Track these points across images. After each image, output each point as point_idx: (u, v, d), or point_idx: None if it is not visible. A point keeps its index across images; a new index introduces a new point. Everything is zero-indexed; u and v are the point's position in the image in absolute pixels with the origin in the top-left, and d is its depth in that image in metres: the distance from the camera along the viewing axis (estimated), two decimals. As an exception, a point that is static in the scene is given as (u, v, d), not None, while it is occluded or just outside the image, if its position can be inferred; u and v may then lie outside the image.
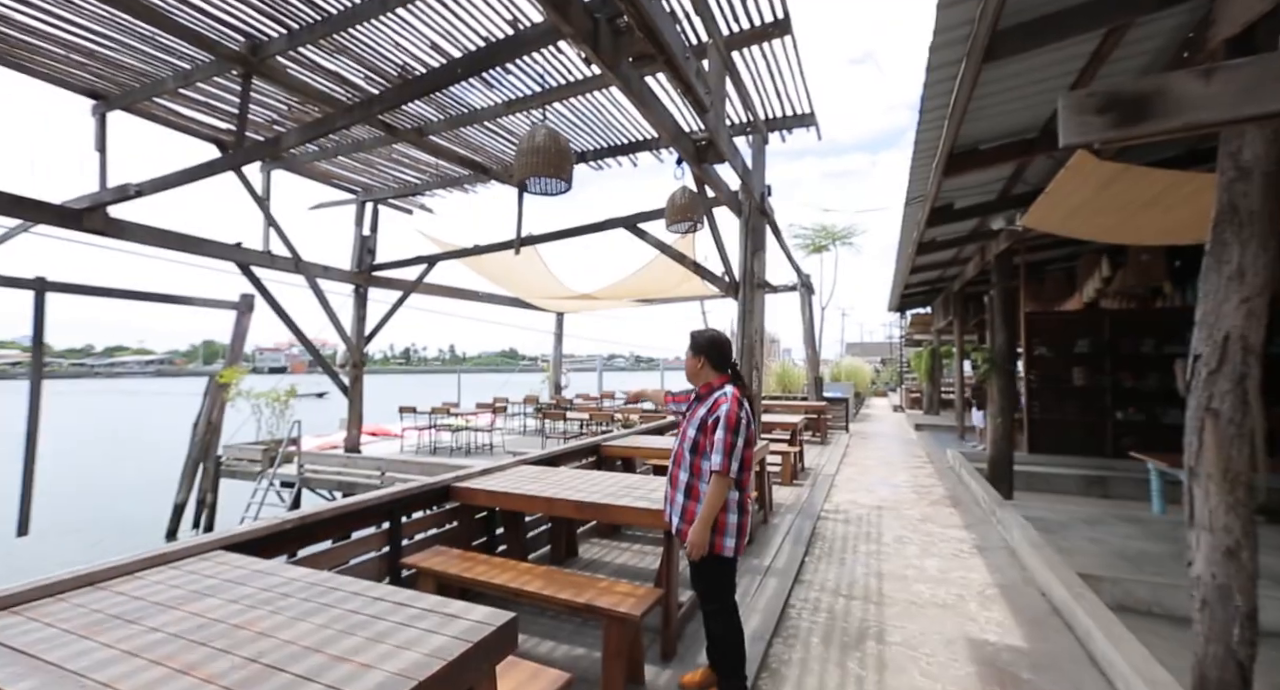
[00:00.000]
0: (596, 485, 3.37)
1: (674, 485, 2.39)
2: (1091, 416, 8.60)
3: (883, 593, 3.61)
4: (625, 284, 10.16)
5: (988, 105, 3.70)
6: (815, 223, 19.99)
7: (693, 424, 2.34)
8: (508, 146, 7.03)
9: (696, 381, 2.45)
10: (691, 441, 2.31)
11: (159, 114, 6.07)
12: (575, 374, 28.78)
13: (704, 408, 2.33)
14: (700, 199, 5.16)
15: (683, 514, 2.32)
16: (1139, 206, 4.29)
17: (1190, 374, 2.51)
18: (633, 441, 5.22)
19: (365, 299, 9.30)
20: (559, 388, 15.58)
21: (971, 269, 8.71)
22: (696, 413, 2.36)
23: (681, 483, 2.34)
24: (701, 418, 2.31)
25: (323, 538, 2.69)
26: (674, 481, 2.39)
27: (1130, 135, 2.04)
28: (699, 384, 2.44)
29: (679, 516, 2.34)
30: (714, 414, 2.24)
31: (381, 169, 8.07)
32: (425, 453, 9.53)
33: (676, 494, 2.36)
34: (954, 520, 5.30)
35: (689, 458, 2.32)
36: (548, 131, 3.34)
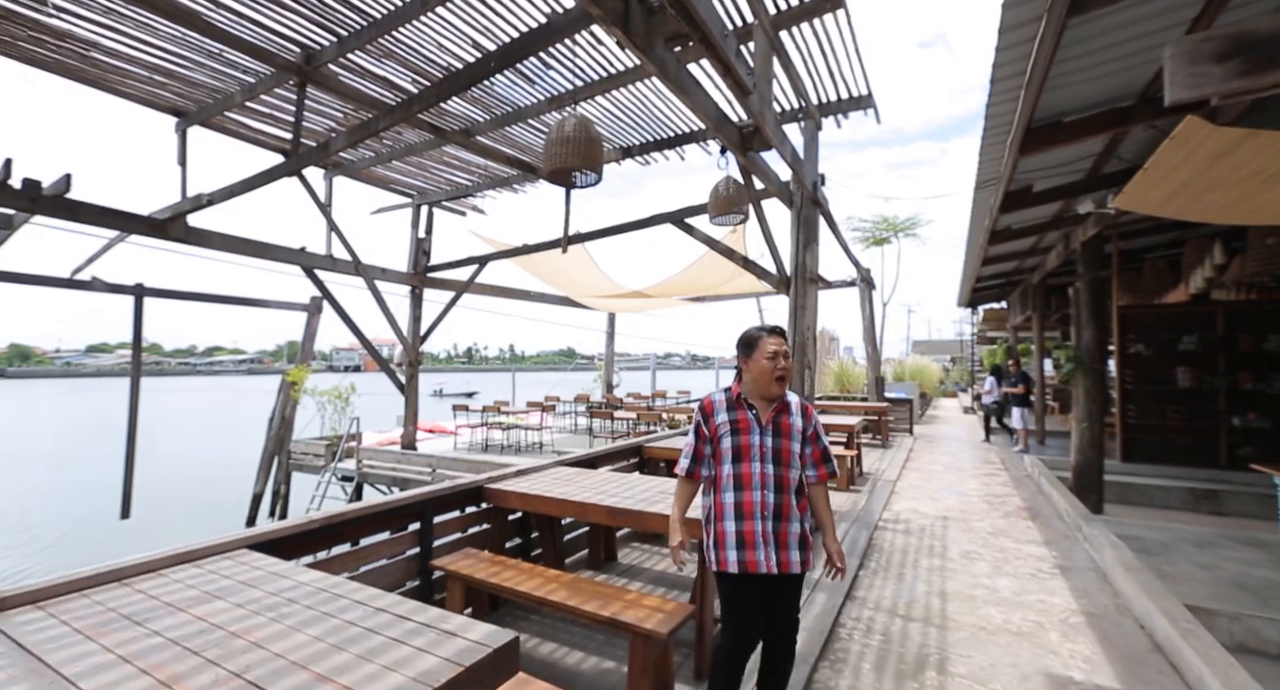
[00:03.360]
0: (633, 489, 3.23)
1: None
2: (1200, 422, 7.63)
3: (946, 615, 3.27)
4: (675, 281, 9.98)
5: (1072, 70, 3.27)
6: (876, 214, 19.01)
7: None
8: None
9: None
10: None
11: (231, 127, 6.45)
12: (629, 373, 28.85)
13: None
14: (747, 190, 4.90)
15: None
16: (1266, 179, 3.67)
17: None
18: (676, 443, 5.04)
19: (420, 299, 9.59)
20: (610, 386, 15.60)
21: (1054, 259, 7.93)
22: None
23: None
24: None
25: (352, 537, 2.69)
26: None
27: (1260, 86, 1.67)
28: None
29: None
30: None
31: (434, 172, 8.27)
32: (477, 450, 9.74)
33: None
34: (1032, 535, 4.79)
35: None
36: (578, 120, 3.22)
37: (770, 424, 2.04)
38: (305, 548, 2.40)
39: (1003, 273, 10.87)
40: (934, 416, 15.78)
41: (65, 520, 11.42)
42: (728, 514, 1.99)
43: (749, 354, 2.08)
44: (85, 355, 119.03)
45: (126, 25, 4.58)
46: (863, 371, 14.27)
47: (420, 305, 9.60)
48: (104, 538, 9.90)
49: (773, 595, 2.01)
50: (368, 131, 4.33)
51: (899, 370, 17.87)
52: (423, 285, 9.53)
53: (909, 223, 16.66)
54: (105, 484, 10.92)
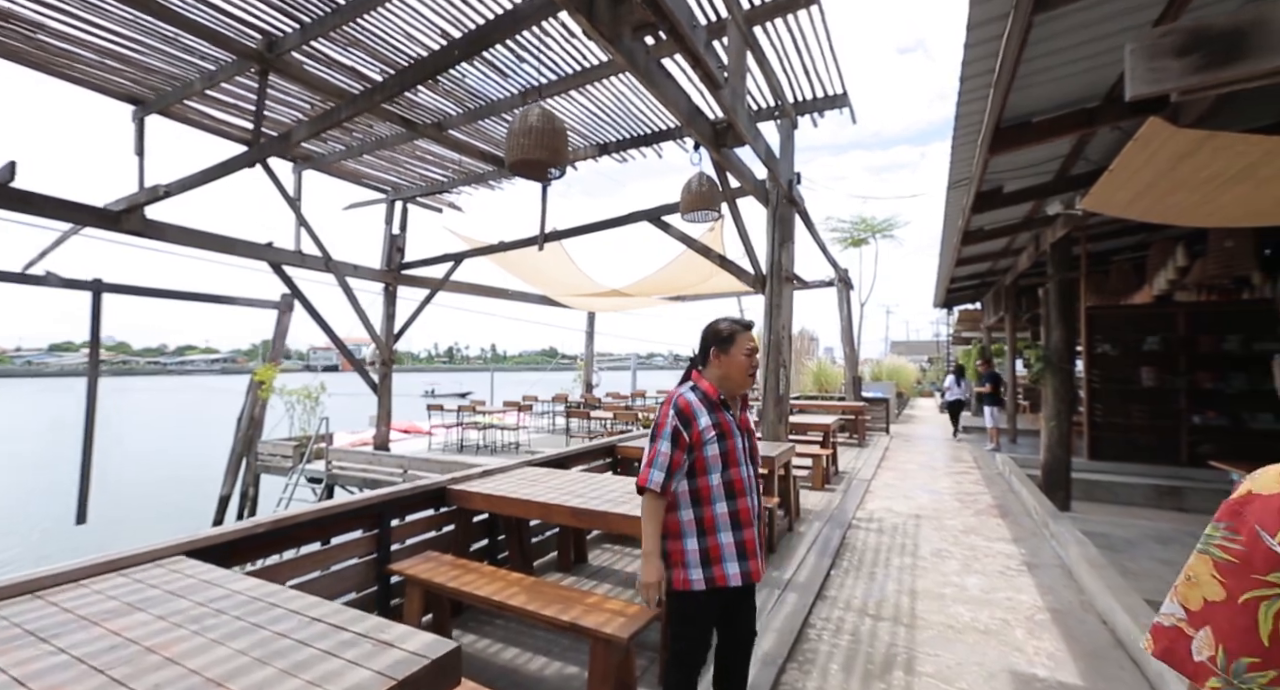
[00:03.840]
0: (601, 490, 3.16)
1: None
2: (1163, 421, 7.82)
3: (916, 614, 3.26)
4: (653, 279, 9.93)
5: (1040, 70, 3.29)
6: (854, 214, 19.21)
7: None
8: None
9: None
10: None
11: (192, 117, 6.22)
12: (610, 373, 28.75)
13: None
14: (722, 186, 4.86)
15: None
16: (1225, 182, 3.75)
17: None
18: (650, 442, 4.98)
19: (395, 297, 9.40)
20: (590, 386, 15.50)
21: (1025, 260, 8.06)
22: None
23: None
24: None
25: (304, 541, 2.57)
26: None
27: (1219, 80, 1.67)
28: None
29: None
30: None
31: (407, 167, 8.10)
32: (452, 450, 9.57)
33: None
34: (1001, 532, 4.83)
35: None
36: (542, 111, 3.14)
37: (743, 423, 1.95)
38: (250, 554, 2.28)
39: (976, 274, 11.05)
40: (911, 416, 15.99)
41: (22, 524, 10.96)
42: (723, 525, 1.81)
43: (726, 349, 1.92)
44: (48, 354, 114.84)
45: (74, 6, 4.36)
46: (841, 371, 14.40)
47: (394, 303, 9.40)
48: (53, 544, 9.51)
49: (738, 606, 1.93)
50: (331, 121, 4.19)
51: (877, 370, 18.08)
52: (397, 282, 9.34)
53: (886, 224, 16.88)
54: (65, 487, 10.50)
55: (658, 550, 1.82)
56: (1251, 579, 0.67)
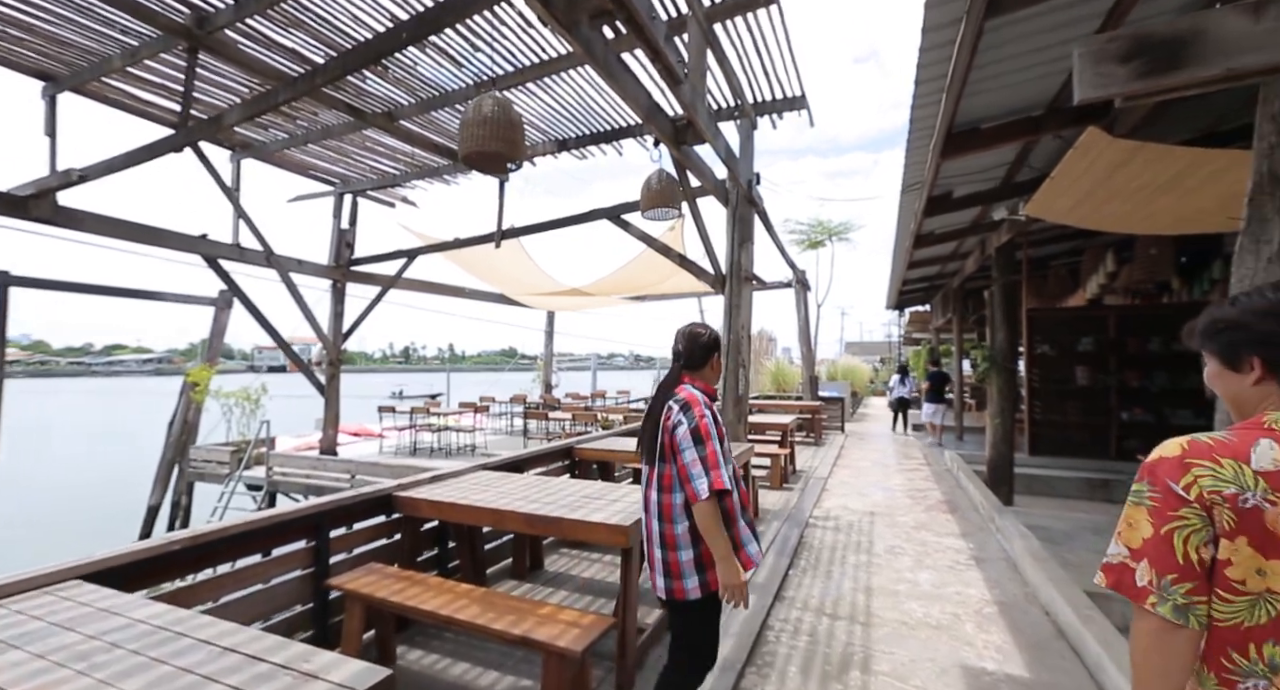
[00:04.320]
0: (557, 494, 3.05)
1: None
2: (1096, 418, 8.28)
3: (871, 612, 3.29)
4: (613, 279, 9.83)
5: (990, 76, 3.37)
6: (811, 217, 19.64)
7: None
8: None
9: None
10: None
11: (112, 96, 5.73)
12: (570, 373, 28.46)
13: None
14: (682, 185, 4.82)
15: None
16: (1154, 191, 3.96)
17: (1221, 372, 2.18)
18: (609, 444, 4.89)
19: (343, 295, 8.97)
20: (549, 386, 15.28)
21: (971, 264, 8.38)
22: None
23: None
24: None
25: (229, 558, 2.37)
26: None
27: (1159, 87, 1.71)
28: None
29: None
30: None
31: (357, 158, 7.74)
32: (405, 454, 9.22)
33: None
34: (950, 528, 4.97)
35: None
36: (496, 101, 3.00)
37: None
38: (162, 574, 2.07)
39: (926, 277, 11.44)
40: (864, 414, 16.45)
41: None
42: (734, 516, 1.82)
43: (716, 354, 2.01)
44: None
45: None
46: (798, 371, 14.68)
47: (343, 300, 8.98)
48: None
49: None
50: (268, 105, 3.91)
51: (832, 370, 18.53)
52: (345, 279, 8.92)
53: (842, 227, 17.31)
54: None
55: (733, 551, 1.77)
56: (1168, 516, 0.89)
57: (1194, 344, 1.08)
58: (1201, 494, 0.87)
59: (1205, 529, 0.87)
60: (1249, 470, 0.86)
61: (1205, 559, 0.87)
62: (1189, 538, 0.87)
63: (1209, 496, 0.87)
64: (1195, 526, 0.87)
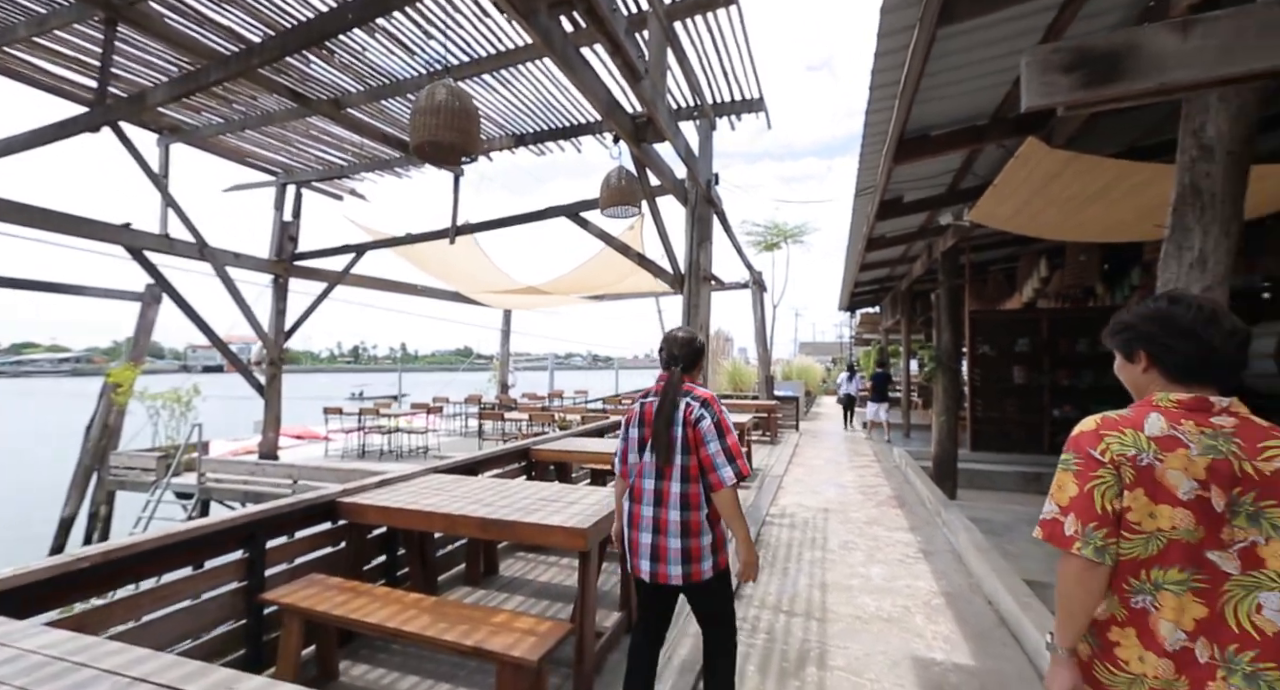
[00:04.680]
0: (512, 497, 2.96)
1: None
2: (1031, 415, 8.76)
3: (826, 607, 3.34)
4: (571, 277, 9.72)
5: (939, 84, 3.49)
6: (768, 219, 20.03)
7: None
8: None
9: None
10: None
11: (15, 67, 5.22)
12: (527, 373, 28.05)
13: None
14: (642, 183, 4.79)
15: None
16: (1084, 200, 4.20)
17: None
18: (567, 445, 4.81)
19: (286, 291, 8.52)
20: (506, 386, 14.98)
21: (919, 267, 8.72)
22: None
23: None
24: None
25: (152, 573, 2.17)
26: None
27: (1099, 98, 1.79)
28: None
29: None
30: None
31: (301, 147, 7.36)
32: (352, 457, 8.83)
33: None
34: (900, 522, 5.14)
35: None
36: (450, 89, 2.88)
37: None
38: (68, 595, 1.87)
39: (877, 279, 11.84)
40: (818, 413, 16.89)
41: None
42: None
43: (703, 358, 2.17)
44: None
45: None
46: (754, 371, 14.92)
47: (285, 297, 8.52)
48: None
49: None
50: (197, 84, 3.64)
51: (787, 370, 18.96)
52: (288, 274, 8.47)
53: (798, 230, 17.72)
54: None
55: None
56: (1089, 476, 1.10)
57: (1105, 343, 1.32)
58: (1113, 456, 1.09)
59: (1115, 484, 1.09)
60: (1144, 436, 1.09)
61: (1116, 508, 1.09)
62: (1105, 493, 1.09)
63: (1118, 458, 1.09)
64: (1109, 483, 1.09)
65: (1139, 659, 1.08)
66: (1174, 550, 1.06)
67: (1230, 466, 1.04)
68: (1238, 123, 2.16)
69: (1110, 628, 1.12)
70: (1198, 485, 1.05)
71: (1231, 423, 1.08)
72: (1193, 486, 1.05)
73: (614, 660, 2.68)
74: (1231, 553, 1.04)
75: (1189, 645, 1.04)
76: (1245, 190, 2.19)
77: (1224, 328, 1.11)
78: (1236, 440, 1.06)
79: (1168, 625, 1.06)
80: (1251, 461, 1.04)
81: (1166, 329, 1.15)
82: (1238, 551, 1.04)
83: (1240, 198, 2.18)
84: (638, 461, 2.01)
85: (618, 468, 2.11)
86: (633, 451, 2.03)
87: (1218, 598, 1.04)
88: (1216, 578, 1.05)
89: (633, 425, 2.05)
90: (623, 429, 2.10)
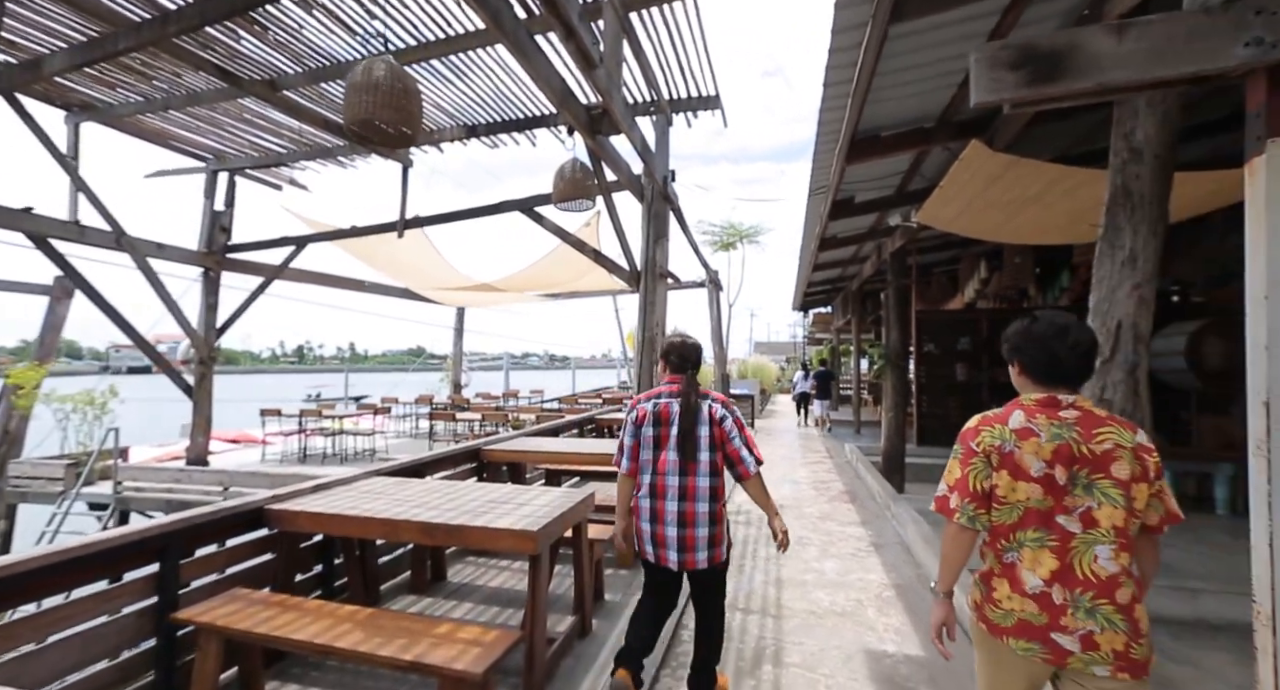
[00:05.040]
0: (460, 499, 2.81)
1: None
2: (971, 411, 8.96)
3: (781, 604, 3.35)
4: (525, 274, 9.52)
5: (890, 85, 3.56)
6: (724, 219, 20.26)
7: None
8: (386, 113, 6.20)
9: None
10: None
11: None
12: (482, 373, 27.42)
13: None
14: (597, 177, 4.70)
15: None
16: (1022, 203, 4.39)
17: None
18: (520, 445, 4.66)
19: (218, 285, 7.96)
20: (459, 386, 14.56)
21: (869, 267, 8.97)
22: None
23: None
24: None
25: (44, 593, 1.93)
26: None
27: (1043, 96, 1.82)
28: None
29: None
30: None
31: (233, 132, 6.88)
32: (293, 461, 8.35)
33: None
34: (852, 516, 5.24)
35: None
36: (390, 66, 2.70)
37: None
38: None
39: (829, 279, 12.14)
40: (772, 411, 17.21)
41: None
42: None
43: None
44: None
45: None
46: (710, 370, 15.05)
47: (216, 291, 7.96)
48: None
49: None
50: (104, 52, 3.31)
51: (742, 369, 19.25)
52: (220, 267, 7.92)
53: (753, 230, 18.00)
54: None
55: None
56: (967, 462, 1.41)
57: None
58: (985, 447, 1.40)
59: (986, 469, 1.39)
60: (1008, 429, 1.38)
61: (985, 488, 1.39)
62: (977, 476, 1.39)
63: (988, 448, 1.39)
64: (980, 469, 1.39)
65: (1009, 598, 1.37)
66: (1030, 516, 1.35)
67: (1070, 449, 1.32)
68: (1163, 128, 2.26)
69: (992, 578, 1.42)
70: (1045, 465, 1.32)
71: (1075, 415, 1.35)
72: (1041, 466, 1.33)
73: (567, 666, 2.59)
74: (1074, 516, 1.31)
75: (1046, 590, 1.32)
76: (1169, 192, 2.30)
77: (1068, 341, 1.38)
78: (1077, 428, 1.33)
79: (1029, 574, 1.34)
80: (1087, 444, 1.31)
81: (1028, 342, 1.44)
82: (1079, 515, 1.31)
83: (1165, 199, 2.29)
84: (651, 459, 2.15)
85: (625, 465, 2.19)
86: (645, 449, 2.16)
87: (1067, 552, 1.32)
88: (1065, 536, 1.32)
89: (646, 424, 2.16)
90: (631, 427, 2.19)
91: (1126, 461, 1.29)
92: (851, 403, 12.34)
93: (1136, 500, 1.29)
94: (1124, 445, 1.31)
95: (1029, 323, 1.47)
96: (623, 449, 2.20)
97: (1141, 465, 1.30)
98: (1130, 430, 1.34)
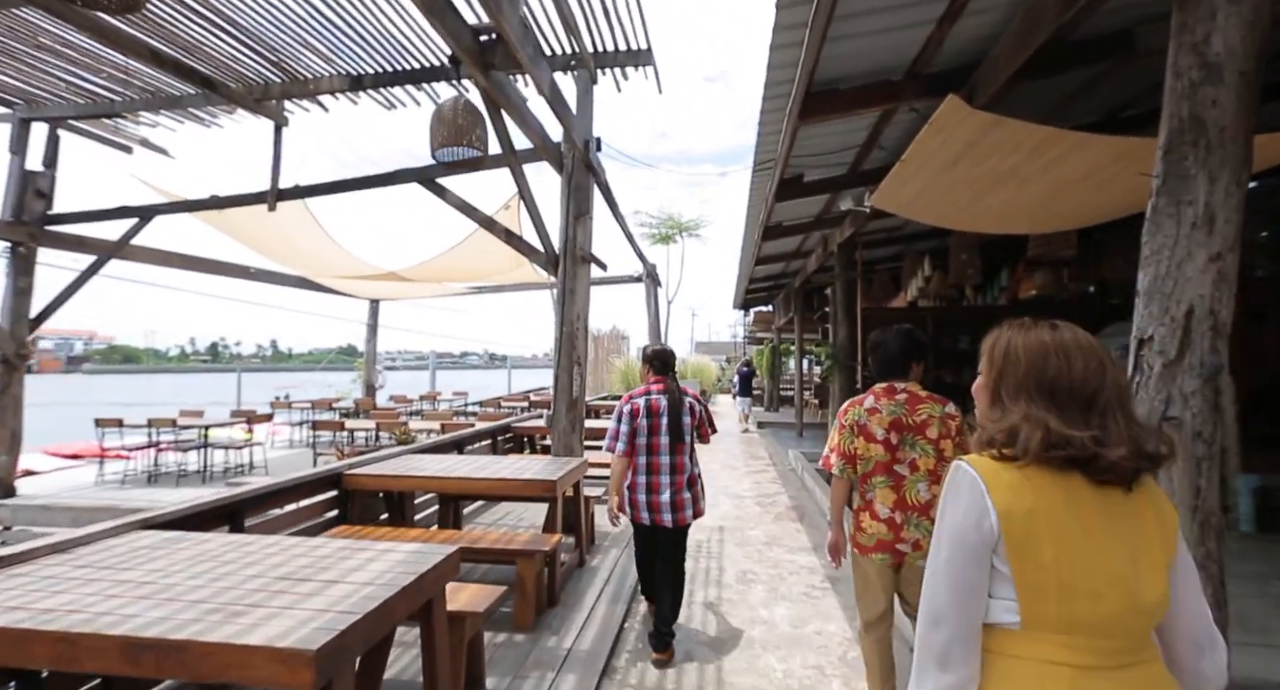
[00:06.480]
0: (228, 579, 1.83)
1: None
2: (917, 411, 8.84)
3: (723, 678, 2.56)
4: (439, 262, 8.37)
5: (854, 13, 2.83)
6: (662, 210, 19.60)
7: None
8: (247, 56, 4.98)
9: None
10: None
11: None
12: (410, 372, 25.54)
13: None
14: (496, 129, 3.75)
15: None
16: (993, 181, 3.83)
17: (1133, 367, 1.75)
18: (401, 466, 3.59)
19: (32, 264, 6.37)
20: (372, 388, 13.08)
21: (814, 262, 8.47)
22: None
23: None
24: None
25: None
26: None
27: None
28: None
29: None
30: None
31: (40, 69, 5.41)
32: (138, 482, 6.85)
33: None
34: (801, 540, 4.57)
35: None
36: None
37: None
38: None
39: (771, 276, 11.66)
40: (714, 412, 16.69)
41: None
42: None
43: None
44: None
45: None
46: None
47: (31, 272, 6.37)
48: None
49: None
50: None
51: (683, 369, 18.66)
52: (34, 242, 6.32)
53: (693, 223, 17.44)
54: None
55: None
56: (840, 432, 2.19)
57: None
58: (850, 421, 2.15)
59: (851, 436, 2.14)
60: (863, 408, 2.14)
61: (851, 449, 2.13)
62: (845, 441, 2.15)
63: (851, 422, 2.14)
64: (847, 436, 2.15)
65: (870, 523, 2.10)
66: (878, 467, 2.09)
67: (901, 420, 2.08)
68: (1252, 35, 1.62)
69: (860, 513, 2.15)
70: (885, 431, 2.08)
71: (904, 397, 2.11)
72: (884, 432, 2.08)
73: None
74: (905, 465, 2.08)
75: (891, 515, 2.07)
76: (1253, 129, 1.67)
77: (891, 347, 2.19)
78: (905, 406, 2.09)
79: (880, 506, 2.09)
80: (910, 416, 2.08)
81: (873, 348, 2.28)
82: (908, 464, 2.07)
83: (1250, 137, 1.65)
84: (646, 443, 2.81)
85: (620, 448, 2.80)
86: (641, 435, 2.80)
87: (901, 489, 2.08)
88: (899, 479, 2.08)
89: (641, 415, 2.81)
90: (628, 417, 2.81)
91: (935, 426, 2.06)
92: (794, 404, 11.92)
93: (945, 451, 2.05)
94: (934, 416, 2.07)
95: (878, 333, 2.26)
96: (617, 435, 2.80)
97: (946, 427, 2.07)
98: (940, 404, 2.11)
